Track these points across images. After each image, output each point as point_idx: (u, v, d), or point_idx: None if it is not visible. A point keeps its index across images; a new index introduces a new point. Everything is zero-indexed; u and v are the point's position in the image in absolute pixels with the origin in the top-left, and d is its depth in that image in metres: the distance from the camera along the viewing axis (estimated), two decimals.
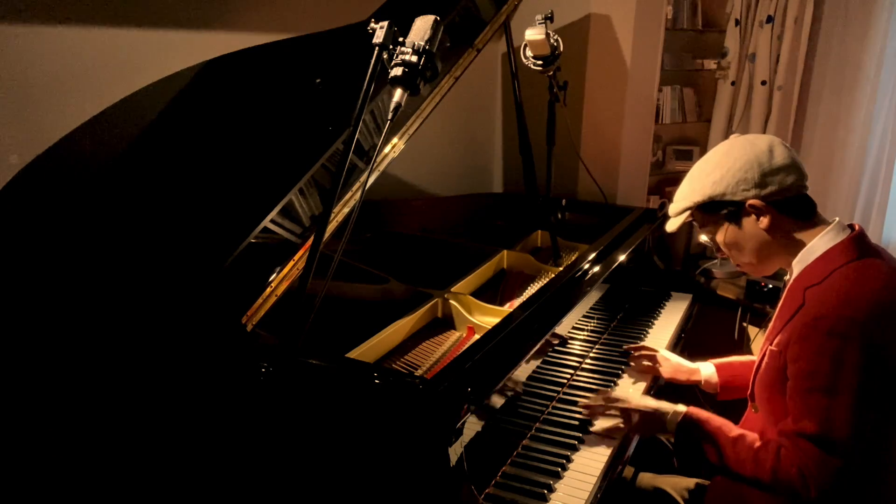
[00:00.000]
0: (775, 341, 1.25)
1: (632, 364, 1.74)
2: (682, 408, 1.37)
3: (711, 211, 1.30)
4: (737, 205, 1.26)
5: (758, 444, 1.25)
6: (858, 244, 1.23)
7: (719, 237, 1.33)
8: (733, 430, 1.30)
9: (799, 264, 1.27)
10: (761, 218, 1.25)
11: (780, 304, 1.32)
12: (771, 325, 1.33)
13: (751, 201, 1.24)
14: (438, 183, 2.83)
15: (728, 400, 1.63)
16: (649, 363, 1.73)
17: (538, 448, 1.38)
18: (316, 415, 1.20)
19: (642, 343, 1.84)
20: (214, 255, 1.36)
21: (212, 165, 1.59)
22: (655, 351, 1.74)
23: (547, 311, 1.52)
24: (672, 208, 1.37)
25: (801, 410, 1.18)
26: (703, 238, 1.39)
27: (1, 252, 1.53)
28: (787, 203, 1.25)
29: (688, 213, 1.33)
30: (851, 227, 1.26)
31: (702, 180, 1.29)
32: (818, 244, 1.24)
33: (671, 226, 1.38)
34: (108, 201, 1.57)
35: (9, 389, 1.42)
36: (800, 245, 1.26)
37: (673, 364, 1.69)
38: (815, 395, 1.15)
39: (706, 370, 1.65)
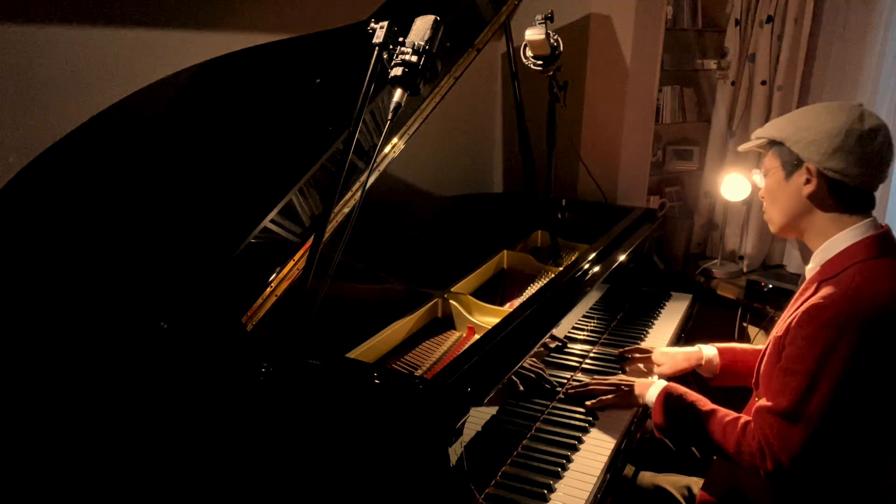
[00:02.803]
0: (781, 329, 1.26)
1: (627, 369, 1.73)
2: (662, 382, 1.44)
3: (778, 148, 1.31)
4: (798, 160, 1.26)
5: (728, 418, 1.30)
6: (880, 243, 1.22)
7: (768, 180, 1.33)
8: (708, 404, 1.36)
9: (820, 255, 1.27)
10: (808, 184, 1.25)
11: (795, 295, 1.33)
12: (782, 315, 1.34)
13: (808, 164, 1.24)
14: (438, 183, 2.83)
15: (722, 386, 1.64)
16: (642, 365, 1.72)
17: (538, 448, 1.38)
18: (316, 415, 1.20)
19: (641, 345, 1.84)
20: (215, 255, 1.36)
21: (212, 166, 1.59)
22: (649, 352, 1.73)
23: (547, 311, 1.52)
24: (759, 131, 1.37)
25: (779, 389, 1.21)
26: (756, 177, 1.40)
27: (1, 252, 1.53)
28: (842, 187, 1.24)
29: (763, 141, 1.34)
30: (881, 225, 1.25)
31: (794, 123, 1.29)
32: (842, 239, 1.24)
33: (744, 147, 1.40)
34: (107, 202, 1.57)
35: (9, 389, 1.42)
36: (827, 231, 1.26)
37: (671, 358, 1.68)
38: (798, 378, 1.17)
39: (708, 352, 1.66)
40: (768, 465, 1.20)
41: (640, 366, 1.73)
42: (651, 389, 1.44)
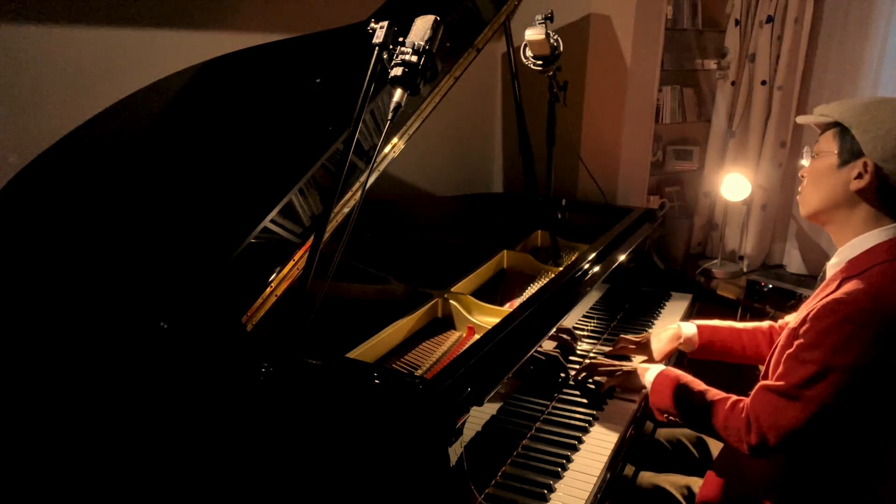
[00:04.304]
0: (797, 321, 1.27)
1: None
2: (660, 366, 1.50)
3: (841, 134, 1.25)
4: (859, 152, 1.22)
5: (718, 397, 1.34)
6: None
7: (817, 162, 1.30)
8: (700, 385, 1.40)
9: (846, 252, 1.26)
10: (860, 178, 1.22)
11: (816, 291, 1.32)
12: (799, 309, 1.34)
13: (866, 159, 1.21)
14: (439, 183, 2.83)
15: (700, 359, 1.70)
16: (643, 357, 1.75)
17: (538, 448, 1.38)
18: (316, 415, 1.20)
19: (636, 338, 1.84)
20: (215, 255, 1.36)
21: (212, 166, 1.59)
22: (642, 341, 1.74)
23: (547, 311, 1.52)
24: (824, 108, 1.31)
25: (784, 372, 1.22)
26: (803, 160, 1.36)
27: (1, 252, 1.53)
28: (891, 190, 1.21)
29: (826, 119, 1.28)
30: None
31: (869, 112, 1.23)
32: (870, 238, 1.24)
33: (805, 119, 1.35)
34: (107, 202, 1.57)
35: (9, 389, 1.42)
36: (858, 227, 1.25)
37: (658, 343, 1.71)
38: (806, 366, 1.18)
39: (687, 329, 1.69)
40: (752, 438, 1.22)
41: (640, 357, 1.76)
42: (648, 373, 1.49)
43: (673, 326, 1.71)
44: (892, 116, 1.20)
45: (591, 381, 1.59)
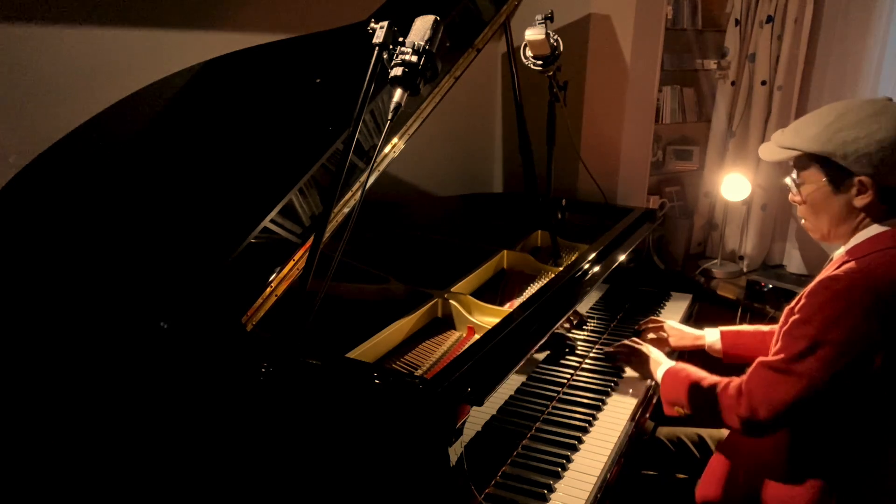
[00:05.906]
0: (795, 300, 1.28)
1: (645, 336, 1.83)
2: (670, 363, 1.55)
3: (820, 163, 1.24)
4: (848, 173, 1.21)
5: (721, 383, 1.35)
6: None
7: (807, 189, 1.29)
8: (709, 378, 1.40)
9: (852, 242, 1.28)
10: (862, 195, 1.22)
11: (818, 275, 1.33)
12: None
13: (862, 178, 1.20)
14: (438, 183, 2.83)
15: (736, 364, 1.70)
16: (654, 336, 1.82)
17: (538, 448, 1.38)
18: (316, 415, 1.20)
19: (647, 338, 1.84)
20: (215, 254, 1.36)
21: (212, 166, 1.59)
22: (661, 322, 1.83)
23: (547, 311, 1.52)
24: (783, 139, 1.29)
25: (779, 349, 1.24)
26: (788, 181, 1.34)
27: (1, 252, 1.53)
28: (891, 193, 1.22)
29: (797, 153, 1.26)
30: None
31: (838, 134, 1.21)
32: (875, 227, 1.25)
33: (770, 156, 1.32)
34: (107, 202, 1.57)
35: (9, 389, 1.42)
36: (868, 229, 1.26)
37: (677, 332, 1.80)
38: (799, 341, 1.20)
39: (711, 336, 1.73)
40: (741, 410, 1.24)
41: (652, 335, 1.83)
42: (659, 369, 1.54)
43: (700, 331, 1.76)
44: (861, 128, 1.19)
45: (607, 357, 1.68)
